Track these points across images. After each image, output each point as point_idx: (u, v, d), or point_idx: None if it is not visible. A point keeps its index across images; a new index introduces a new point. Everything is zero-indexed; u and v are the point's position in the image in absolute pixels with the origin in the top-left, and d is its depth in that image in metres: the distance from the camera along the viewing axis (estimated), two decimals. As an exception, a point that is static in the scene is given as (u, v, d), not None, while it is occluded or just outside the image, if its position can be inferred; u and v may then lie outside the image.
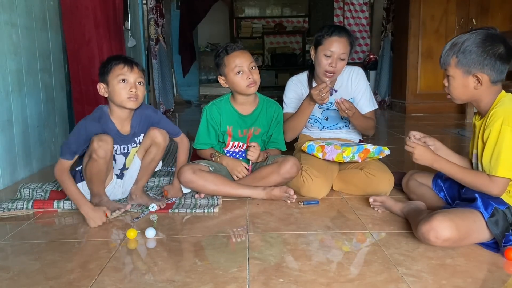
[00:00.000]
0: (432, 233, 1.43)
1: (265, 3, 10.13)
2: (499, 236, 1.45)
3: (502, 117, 1.46)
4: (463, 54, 1.50)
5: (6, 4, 2.37)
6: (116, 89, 1.87)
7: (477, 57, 1.48)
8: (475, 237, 1.48)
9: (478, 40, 1.49)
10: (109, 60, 1.92)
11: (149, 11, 5.53)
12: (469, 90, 1.54)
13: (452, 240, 1.44)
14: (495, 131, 1.47)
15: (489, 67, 1.48)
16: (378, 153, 2.07)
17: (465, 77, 1.53)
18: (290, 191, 2.02)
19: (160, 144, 2.02)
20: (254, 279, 1.31)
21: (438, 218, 1.44)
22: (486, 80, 1.50)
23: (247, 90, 2.12)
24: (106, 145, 1.84)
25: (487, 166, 1.51)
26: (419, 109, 5.25)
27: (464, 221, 1.46)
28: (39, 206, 1.96)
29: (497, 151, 1.47)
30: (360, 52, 8.90)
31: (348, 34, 2.19)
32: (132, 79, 1.88)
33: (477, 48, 1.48)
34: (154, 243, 1.62)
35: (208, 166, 2.13)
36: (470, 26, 5.01)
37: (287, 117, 2.34)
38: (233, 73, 2.10)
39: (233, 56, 2.10)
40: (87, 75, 3.10)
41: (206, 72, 9.92)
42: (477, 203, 1.48)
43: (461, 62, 1.51)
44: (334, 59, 2.16)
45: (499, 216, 1.46)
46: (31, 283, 1.33)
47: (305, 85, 2.36)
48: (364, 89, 2.31)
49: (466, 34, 1.54)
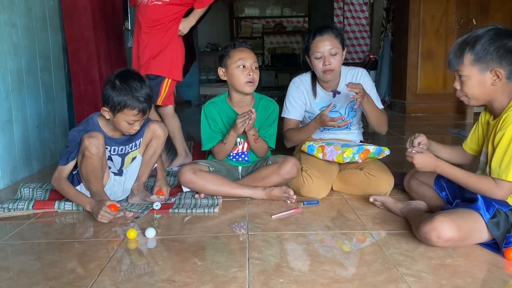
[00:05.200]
0: (434, 233, 1.43)
1: (265, 3, 10.12)
2: (499, 237, 1.44)
3: None
4: (479, 50, 1.46)
5: (6, 4, 2.37)
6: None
7: (495, 51, 1.44)
8: (477, 238, 1.48)
9: (492, 35, 1.45)
10: None
11: (149, 11, 5.52)
12: (486, 87, 1.50)
13: (453, 240, 1.44)
14: (508, 136, 1.44)
15: (507, 61, 1.45)
16: (378, 153, 2.07)
17: (482, 74, 1.48)
18: (289, 192, 2.02)
19: (161, 137, 2.04)
20: (254, 279, 1.31)
21: (440, 219, 1.44)
22: (504, 75, 1.46)
23: (245, 87, 2.11)
24: (97, 141, 1.84)
25: (496, 169, 1.48)
26: (419, 109, 5.25)
27: (465, 222, 1.45)
28: (39, 207, 1.96)
29: (509, 156, 1.44)
30: (360, 52, 8.91)
31: (331, 29, 2.18)
32: None
33: (494, 42, 1.44)
34: (154, 243, 1.62)
35: (208, 166, 2.13)
36: (470, 26, 5.01)
37: (288, 123, 2.34)
38: (235, 65, 2.10)
39: (240, 50, 2.13)
40: (87, 75, 3.11)
41: (206, 72, 9.92)
42: (478, 204, 1.47)
43: (477, 58, 1.46)
44: (325, 58, 2.15)
45: (500, 217, 1.45)
46: (31, 283, 1.33)
47: (308, 90, 2.34)
48: (370, 90, 2.28)
49: (475, 32, 1.50)
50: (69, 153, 1.90)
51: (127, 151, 2.02)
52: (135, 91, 1.82)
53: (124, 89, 1.82)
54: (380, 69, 6.04)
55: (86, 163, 1.86)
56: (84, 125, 1.94)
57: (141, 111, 1.85)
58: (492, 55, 1.45)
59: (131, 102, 1.82)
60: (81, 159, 1.88)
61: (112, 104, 1.83)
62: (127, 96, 1.82)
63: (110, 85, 1.85)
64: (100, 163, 1.88)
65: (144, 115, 1.89)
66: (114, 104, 1.82)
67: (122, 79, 1.85)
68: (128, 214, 1.87)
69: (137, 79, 1.87)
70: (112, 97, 1.82)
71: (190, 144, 3.49)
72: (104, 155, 1.92)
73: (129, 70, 1.97)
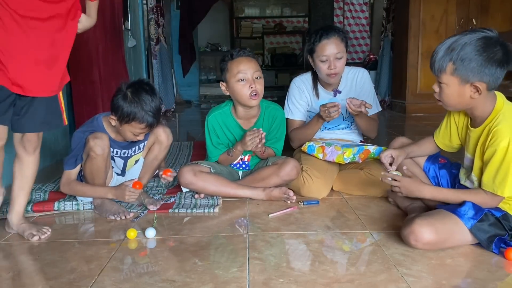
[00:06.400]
0: (412, 237, 1.45)
1: (265, 3, 10.12)
2: (484, 242, 1.44)
3: (509, 136, 1.40)
4: (462, 62, 1.39)
5: (6, 4, 2.36)
6: None
7: (478, 66, 1.37)
8: (459, 239, 1.48)
9: (479, 47, 1.37)
10: None
11: (149, 11, 5.53)
12: (464, 99, 1.45)
13: (431, 243, 1.44)
14: (501, 151, 1.41)
15: (489, 75, 1.38)
16: (378, 153, 2.06)
17: (461, 86, 1.43)
18: (289, 192, 2.01)
19: (163, 142, 2.03)
20: (254, 279, 1.31)
21: (418, 222, 1.45)
22: (484, 88, 1.41)
23: (249, 101, 2.02)
24: (102, 142, 1.84)
25: (489, 184, 1.47)
26: (419, 109, 5.25)
27: (444, 224, 1.45)
28: (39, 209, 1.95)
29: (504, 172, 1.42)
30: (360, 52, 8.90)
31: (337, 32, 2.16)
32: None
33: (478, 55, 1.37)
34: (154, 243, 1.62)
35: (209, 167, 2.12)
36: (470, 26, 5.01)
37: (292, 124, 2.33)
38: (235, 80, 2.00)
39: (237, 61, 2.01)
40: (87, 75, 3.11)
41: (206, 72, 9.91)
42: (462, 209, 1.46)
43: (459, 70, 1.40)
44: (331, 62, 2.14)
45: (488, 221, 1.45)
46: (31, 283, 1.33)
47: (310, 89, 2.34)
48: (369, 91, 2.29)
49: (462, 37, 1.41)
50: (76, 155, 1.89)
51: (130, 155, 2.03)
52: (145, 104, 1.81)
53: (134, 102, 1.80)
54: (380, 69, 6.05)
55: (91, 163, 1.86)
56: (89, 126, 1.94)
57: (148, 126, 1.85)
58: (474, 71, 1.38)
59: (140, 116, 1.81)
60: (85, 159, 1.89)
61: (121, 114, 1.82)
62: (137, 109, 1.80)
63: (121, 95, 1.83)
64: (104, 163, 1.89)
65: (151, 128, 1.90)
66: (123, 115, 1.81)
67: (134, 91, 1.83)
68: (128, 215, 1.87)
69: (149, 92, 1.84)
70: (122, 108, 1.81)
71: (190, 144, 3.49)
72: (109, 156, 1.92)
73: (141, 81, 1.91)
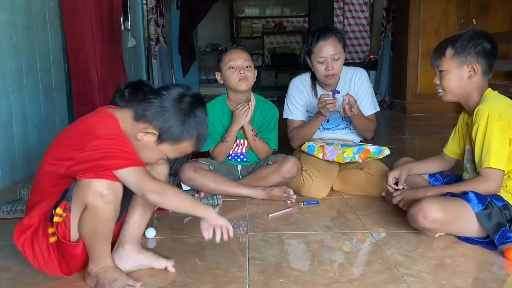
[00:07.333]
0: (420, 214, 1.46)
1: (265, 3, 10.12)
2: (490, 229, 1.45)
3: (487, 112, 1.52)
4: (459, 45, 1.59)
5: (6, 4, 2.37)
6: None
7: (473, 47, 1.58)
8: (465, 223, 1.49)
9: (471, 34, 1.62)
10: None
11: (149, 11, 5.54)
12: (463, 81, 1.61)
13: (440, 222, 1.46)
14: (482, 126, 1.53)
15: (483, 58, 1.58)
16: (378, 153, 2.07)
17: (460, 68, 1.60)
18: (289, 191, 2.02)
19: None
20: (254, 279, 1.31)
21: (427, 200, 1.48)
22: (479, 71, 1.58)
23: (238, 85, 2.12)
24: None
25: (479, 161, 1.54)
26: (419, 109, 5.25)
27: (453, 205, 1.48)
28: None
29: (487, 144, 1.51)
30: (360, 52, 8.91)
31: (334, 33, 2.17)
32: None
33: (472, 40, 1.59)
34: (154, 243, 1.62)
35: (208, 164, 2.13)
36: (470, 26, 5.01)
37: (292, 124, 2.34)
38: (226, 67, 2.14)
39: (230, 52, 2.17)
40: (85, 76, 3.11)
41: (206, 72, 9.92)
42: (469, 195, 1.49)
43: (456, 52, 1.60)
44: (328, 63, 2.15)
45: (493, 209, 1.47)
46: (31, 283, 1.33)
47: (308, 90, 2.34)
48: (367, 91, 2.30)
49: (457, 33, 1.67)
50: None
51: None
52: None
53: None
54: (380, 69, 6.05)
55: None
56: None
57: None
58: (470, 50, 1.58)
59: None
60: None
61: None
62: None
63: None
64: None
65: None
66: None
67: None
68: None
69: None
70: None
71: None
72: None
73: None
